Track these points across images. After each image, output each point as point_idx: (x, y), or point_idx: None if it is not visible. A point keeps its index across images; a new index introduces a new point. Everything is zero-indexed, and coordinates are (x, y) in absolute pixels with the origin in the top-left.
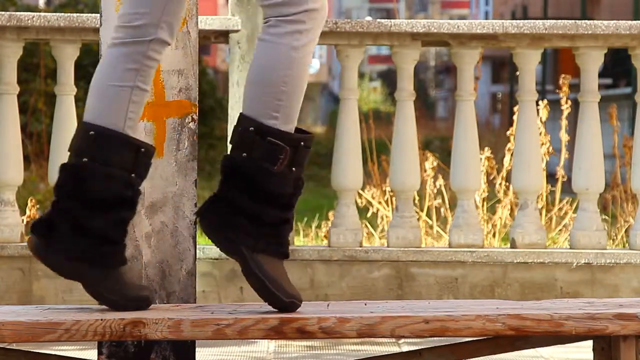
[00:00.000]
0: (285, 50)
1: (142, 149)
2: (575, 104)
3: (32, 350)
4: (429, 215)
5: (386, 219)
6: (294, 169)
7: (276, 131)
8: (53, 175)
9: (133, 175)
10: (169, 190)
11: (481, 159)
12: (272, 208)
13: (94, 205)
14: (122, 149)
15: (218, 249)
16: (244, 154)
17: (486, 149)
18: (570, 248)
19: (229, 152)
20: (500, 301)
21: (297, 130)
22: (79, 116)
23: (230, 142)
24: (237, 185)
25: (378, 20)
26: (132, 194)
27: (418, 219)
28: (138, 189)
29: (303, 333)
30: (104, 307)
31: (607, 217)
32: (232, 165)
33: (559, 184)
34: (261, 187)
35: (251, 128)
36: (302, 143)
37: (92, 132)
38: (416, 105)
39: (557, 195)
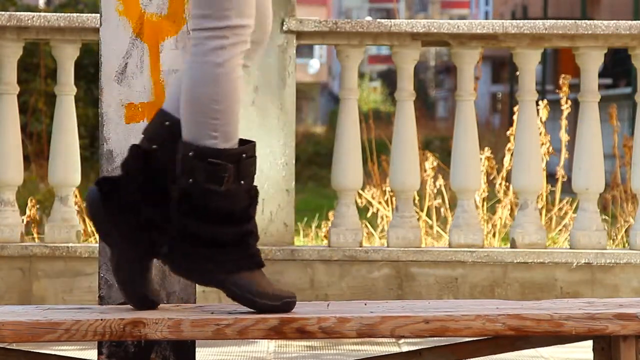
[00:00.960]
0: (209, 68)
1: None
2: (575, 104)
3: (32, 350)
4: (429, 215)
5: (386, 219)
6: (242, 182)
7: (214, 151)
8: (53, 175)
9: None
10: None
11: (481, 159)
12: (230, 227)
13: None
14: None
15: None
16: (190, 180)
17: (486, 149)
18: (570, 248)
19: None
20: (500, 301)
21: (241, 141)
22: (79, 116)
23: (176, 171)
24: (190, 213)
25: (378, 20)
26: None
27: (418, 219)
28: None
29: (303, 333)
30: (104, 307)
31: (607, 217)
32: (181, 193)
33: (559, 184)
34: (213, 209)
35: (190, 153)
36: (243, 155)
37: (167, 123)
38: (416, 105)
39: (557, 195)
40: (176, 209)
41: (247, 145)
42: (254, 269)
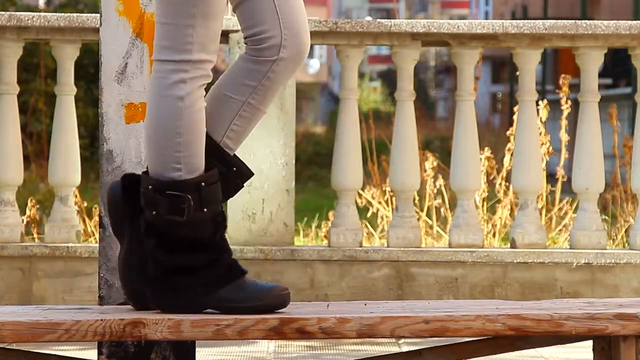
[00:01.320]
0: (171, 102)
1: (234, 168)
2: (575, 104)
3: (32, 350)
4: (429, 215)
5: (386, 219)
6: (205, 210)
7: (173, 183)
8: (53, 175)
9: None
10: None
11: (481, 159)
12: (199, 252)
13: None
14: (213, 158)
15: None
16: (154, 212)
17: (486, 149)
18: (570, 248)
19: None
20: (500, 301)
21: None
22: (79, 116)
23: (141, 204)
24: (158, 244)
25: (378, 20)
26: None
27: (418, 219)
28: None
29: (303, 333)
30: (104, 307)
31: (607, 217)
32: (147, 226)
33: (559, 184)
34: (177, 239)
35: (150, 186)
36: (202, 184)
37: None
38: (416, 105)
39: (557, 195)
40: (145, 240)
41: (207, 174)
42: (235, 280)
